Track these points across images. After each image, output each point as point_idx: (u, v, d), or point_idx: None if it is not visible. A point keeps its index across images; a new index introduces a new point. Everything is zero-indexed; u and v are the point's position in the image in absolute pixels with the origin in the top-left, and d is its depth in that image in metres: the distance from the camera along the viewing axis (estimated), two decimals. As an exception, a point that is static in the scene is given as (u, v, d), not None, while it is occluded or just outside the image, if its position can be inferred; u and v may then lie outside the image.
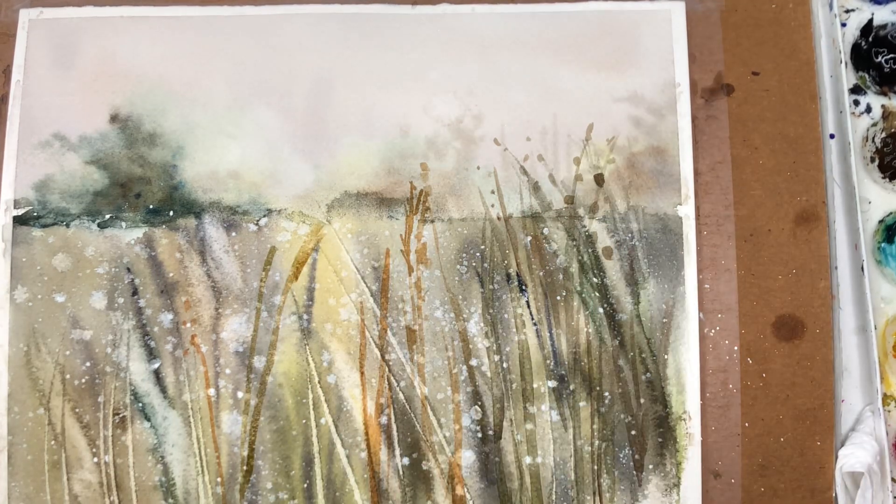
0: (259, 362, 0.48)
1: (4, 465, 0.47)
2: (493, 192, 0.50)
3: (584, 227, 0.50)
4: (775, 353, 0.49)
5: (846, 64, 0.53)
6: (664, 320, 0.49)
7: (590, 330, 0.49)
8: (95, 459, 0.47)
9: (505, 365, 0.49)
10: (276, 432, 0.48)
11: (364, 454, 0.48)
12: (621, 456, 0.48)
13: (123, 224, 0.49)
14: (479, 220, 0.50)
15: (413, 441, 0.48)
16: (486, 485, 0.48)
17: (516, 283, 0.49)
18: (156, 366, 0.48)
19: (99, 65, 0.51)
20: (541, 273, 0.49)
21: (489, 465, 0.48)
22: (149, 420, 0.48)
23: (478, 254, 0.49)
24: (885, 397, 0.50)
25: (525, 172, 0.50)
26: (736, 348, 0.49)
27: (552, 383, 0.49)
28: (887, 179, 0.52)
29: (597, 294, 0.49)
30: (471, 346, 0.49)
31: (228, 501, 0.47)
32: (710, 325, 0.49)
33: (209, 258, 0.49)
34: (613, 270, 0.50)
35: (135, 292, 0.49)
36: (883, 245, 0.51)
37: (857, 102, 0.53)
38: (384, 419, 0.48)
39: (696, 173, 0.51)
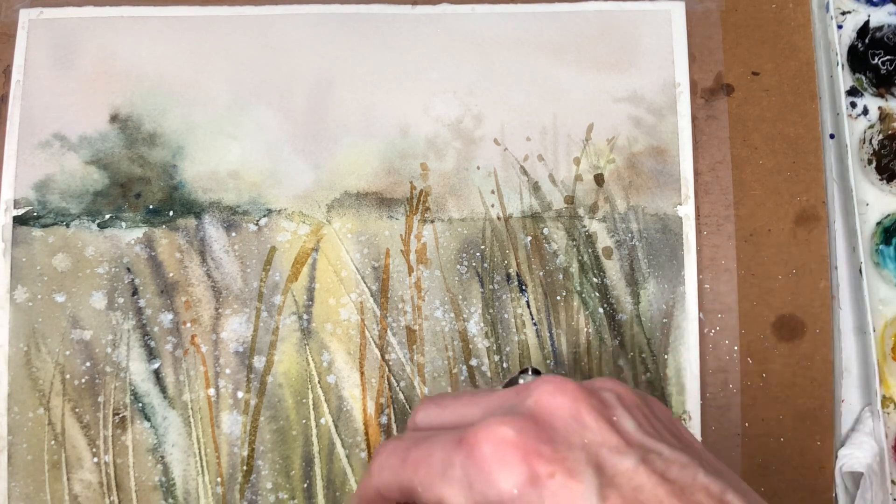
0: (259, 362, 0.48)
1: (4, 465, 0.47)
2: (493, 192, 0.50)
3: (584, 227, 0.50)
4: (775, 353, 0.49)
5: (842, 66, 0.53)
6: (664, 320, 0.49)
7: (590, 330, 0.49)
8: (95, 459, 0.47)
9: (505, 365, 0.49)
10: (276, 432, 0.48)
11: (364, 454, 0.48)
12: (621, 456, 0.48)
13: (123, 224, 0.49)
14: (479, 220, 0.50)
15: (413, 441, 0.48)
16: (486, 485, 0.48)
17: (516, 283, 0.49)
18: (156, 366, 0.48)
19: (99, 65, 0.51)
20: (541, 273, 0.49)
21: (489, 466, 0.48)
22: (149, 420, 0.47)
23: (478, 254, 0.50)
24: (884, 399, 0.50)
25: (525, 172, 0.50)
26: (736, 348, 0.49)
27: (552, 383, 0.49)
28: (885, 181, 0.52)
29: (597, 294, 0.49)
30: (471, 346, 0.49)
31: (228, 501, 0.47)
32: (710, 325, 0.49)
33: (209, 258, 0.49)
34: (613, 270, 0.50)
35: (135, 292, 0.49)
36: (881, 247, 0.51)
37: (853, 104, 0.53)
38: (384, 419, 0.48)
39: (696, 173, 0.51)
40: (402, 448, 0.30)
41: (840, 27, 0.53)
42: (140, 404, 0.48)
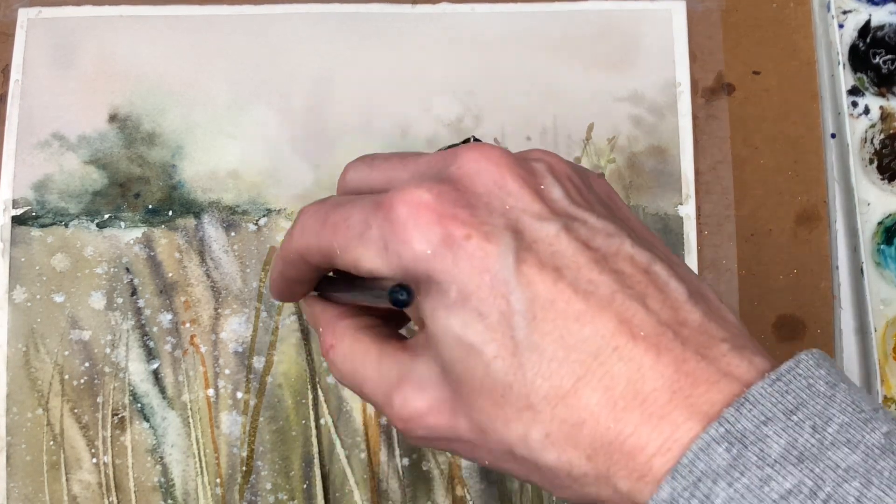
0: (258, 362, 0.48)
1: (3, 465, 0.46)
2: (493, 192, 0.50)
3: (585, 227, 0.50)
4: (776, 353, 0.48)
5: (844, 65, 0.53)
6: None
7: (590, 330, 0.49)
8: (94, 460, 0.47)
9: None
10: (275, 433, 0.48)
11: (364, 454, 0.48)
12: (622, 456, 0.48)
13: (122, 224, 0.49)
14: (479, 220, 0.50)
15: (413, 442, 0.48)
16: (486, 485, 0.48)
17: (516, 284, 0.49)
18: (155, 366, 0.48)
19: (98, 64, 0.51)
20: (541, 273, 0.49)
21: (489, 466, 0.48)
22: (148, 420, 0.47)
23: (478, 254, 0.49)
24: (885, 399, 0.50)
25: (525, 172, 0.50)
26: (737, 348, 0.49)
27: (553, 384, 0.48)
28: (886, 181, 0.52)
29: (597, 294, 0.49)
30: (471, 347, 0.49)
31: (228, 502, 0.47)
32: (710, 325, 0.49)
33: (208, 258, 0.49)
34: (614, 270, 0.49)
35: (134, 292, 0.49)
36: (882, 247, 0.51)
37: (855, 104, 0.53)
38: (384, 420, 0.48)
39: (697, 173, 0.51)
40: (323, 211, 0.30)
41: (841, 26, 0.53)
42: (139, 405, 0.48)
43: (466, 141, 0.32)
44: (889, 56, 0.53)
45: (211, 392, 0.48)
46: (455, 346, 0.27)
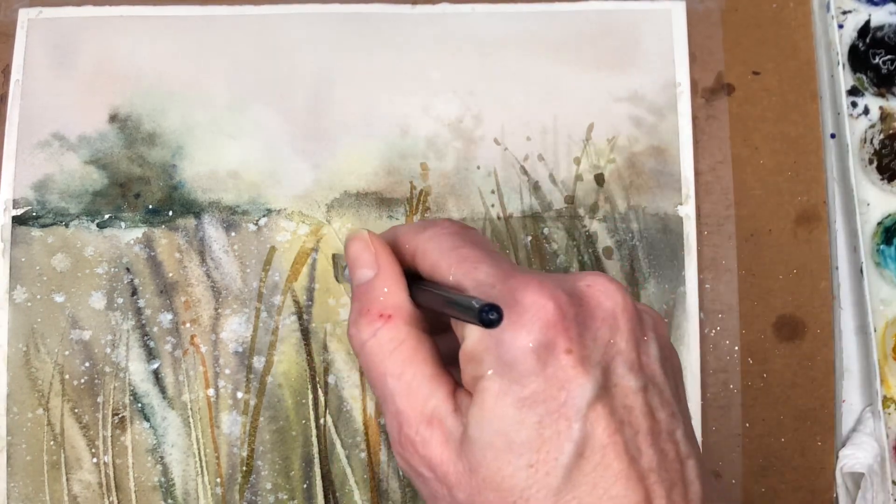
0: (259, 362, 0.48)
1: (3, 465, 0.46)
2: (493, 192, 0.50)
3: (585, 227, 0.50)
4: (776, 353, 0.49)
5: (843, 65, 0.53)
6: (665, 320, 0.49)
7: (590, 330, 0.49)
8: (95, 460, 0.47)
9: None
10: (275, 433, 0.48)
11: (364, 454, 0.48)
12: (622, 456, 0.48)
13: (123, 224, 0.49)
14: (479, 220, 0.50)
15: (413, 442, 0.48)
16: (486, 485, 0.48)
17: (516, 284, 0.49)
18: (155, 366, 0.48)
19: (98, 64, 0.51)
20: (541, 273, 0.49)
21: (489, 466, 0.48)
22: (148, 420, 0.47)
23: (478, 254, 0.49)
24: (885, 399, 0.50)
25: (525, 172, 0.50)
26: (736, 348, 0.49)
27: (552, 384, 0.48)
28: (885, 181, 0.52)
29: (597, 294, 0.49)
30: (471, 347, 0.49)
31: (228, 502, 0.47)
32: (710, 325, 0.49)
33: (209, 258, 0.49)
34: (614, 270, 0.50)
35: (134, 292, 0.49)
36: (882, 247, 0.51)
37: (854, 104, 0.53)
38: (384, 420, 0.48)
39: (697, 173, 0.51)
40: (459, 238, 0.32)
41: (841, 27, 0.53)
42: (139, 404, 0.48)
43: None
44: (888, 56, 0.53)
45: (211, 392, 0.48)
46: (499, 435, 0.28)
